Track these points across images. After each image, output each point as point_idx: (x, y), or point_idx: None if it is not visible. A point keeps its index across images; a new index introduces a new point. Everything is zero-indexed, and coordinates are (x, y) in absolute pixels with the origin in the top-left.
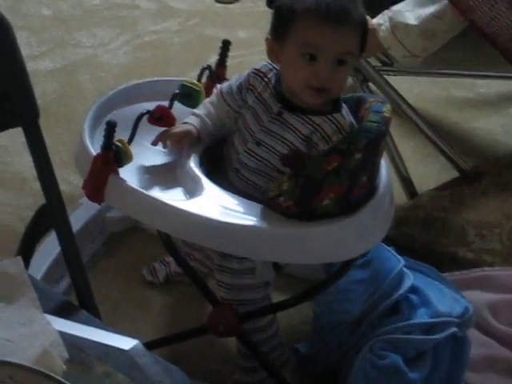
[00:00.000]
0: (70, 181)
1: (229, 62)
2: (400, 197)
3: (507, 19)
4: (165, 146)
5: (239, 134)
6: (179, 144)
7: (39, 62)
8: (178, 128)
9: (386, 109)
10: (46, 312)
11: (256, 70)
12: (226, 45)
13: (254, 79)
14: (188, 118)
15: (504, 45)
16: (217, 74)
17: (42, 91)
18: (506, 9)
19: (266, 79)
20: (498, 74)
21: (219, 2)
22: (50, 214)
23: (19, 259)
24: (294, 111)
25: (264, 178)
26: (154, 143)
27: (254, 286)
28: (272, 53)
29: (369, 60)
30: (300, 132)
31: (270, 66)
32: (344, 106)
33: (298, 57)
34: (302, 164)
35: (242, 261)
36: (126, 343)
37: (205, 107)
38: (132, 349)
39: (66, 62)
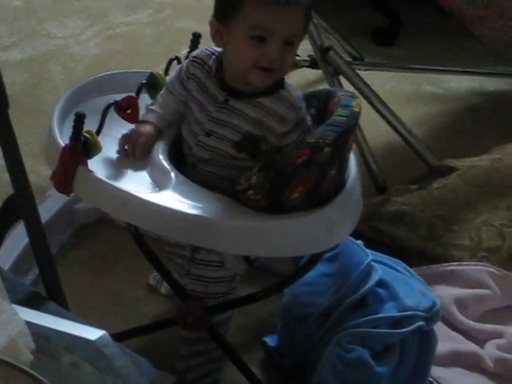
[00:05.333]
0: (39, 172)
1: None
2: (369, 191)
3: None
4: (134, 156)
5: (188, 128)
6: (147, 150)
7: (9, 52)
8: (142, 136)
9: (356, 103)
10: (13, 303)
11: (194, 57)
12: (196, 38)
13: (194, 67)
14: (145, 115)
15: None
16: None
17: (12, 82)
18: None
19: (206, 67)
20: (469, 70)
21: None
22: (19, 205)
23: None
24: (240, 97)
25: (221, 166)
26: (123, 154)
27: (221, 280)
28: (216, 36)
29: (340, 54)
30: (249, 116)
31: (209, 52)
32: (287, 82)
33: (246, 39)
34: (258, 146)
35: (211, 252)
36: (92, 333)
37: (157, 101)
38: (99, 339)
39: (36, 53)
